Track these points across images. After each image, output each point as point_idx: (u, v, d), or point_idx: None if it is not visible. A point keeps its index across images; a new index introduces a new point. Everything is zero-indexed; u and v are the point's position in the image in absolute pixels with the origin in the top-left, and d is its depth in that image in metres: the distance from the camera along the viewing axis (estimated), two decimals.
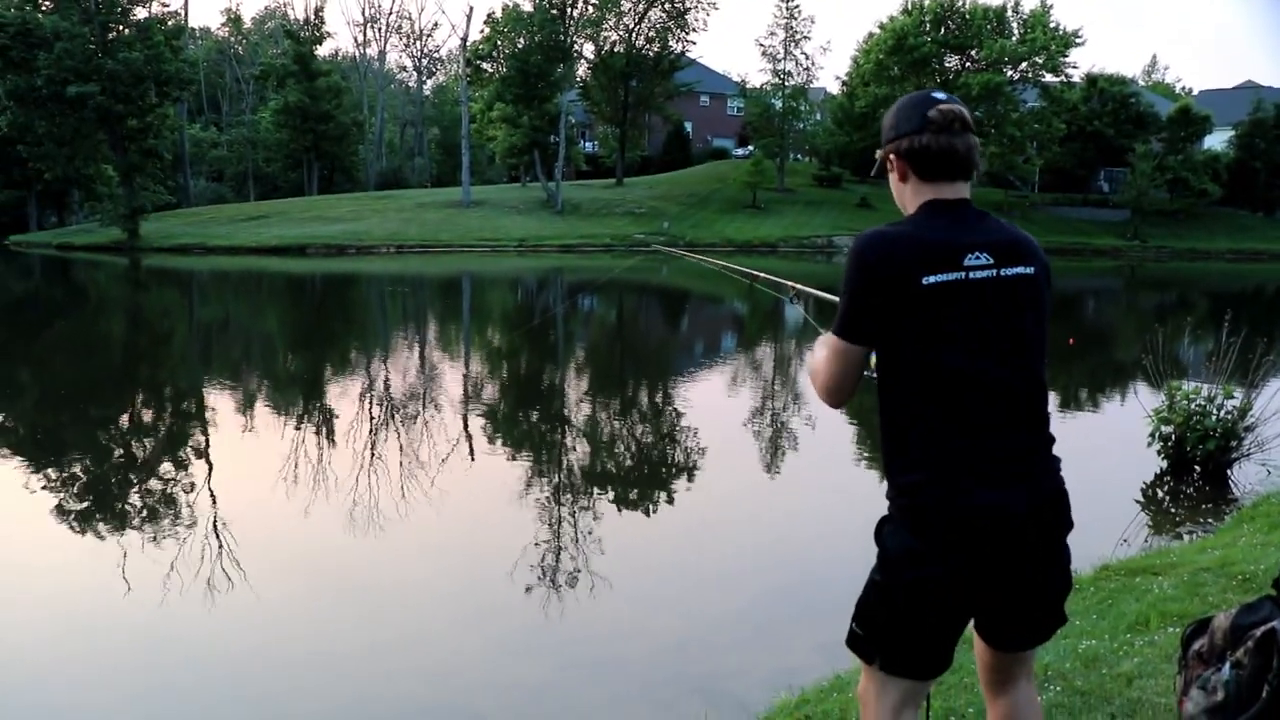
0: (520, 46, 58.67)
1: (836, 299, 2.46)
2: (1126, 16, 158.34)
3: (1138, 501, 9.41)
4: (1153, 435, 10.15)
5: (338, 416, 13.41)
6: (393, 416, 13.57)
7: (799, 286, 4.02)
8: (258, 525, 8.56)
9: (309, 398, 15.09)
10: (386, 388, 15.94)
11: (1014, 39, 59.26)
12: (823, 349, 2.49)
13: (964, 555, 2.25)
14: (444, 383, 16.58)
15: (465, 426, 12.95)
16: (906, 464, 2.33)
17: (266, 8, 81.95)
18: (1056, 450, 2.41)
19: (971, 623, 2.44)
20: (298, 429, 12.70)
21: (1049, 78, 60.72)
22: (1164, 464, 10.14)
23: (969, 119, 2.41)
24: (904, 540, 2.30)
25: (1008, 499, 2.26)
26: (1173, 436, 10.01)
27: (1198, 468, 9.93)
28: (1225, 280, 43.76)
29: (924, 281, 2.26)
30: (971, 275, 2.29)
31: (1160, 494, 9.70)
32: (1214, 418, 9.80)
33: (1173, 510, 9.26)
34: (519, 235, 50.75)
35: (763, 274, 5.11)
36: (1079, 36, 59.40)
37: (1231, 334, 10.17)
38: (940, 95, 2.43)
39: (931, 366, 2.29)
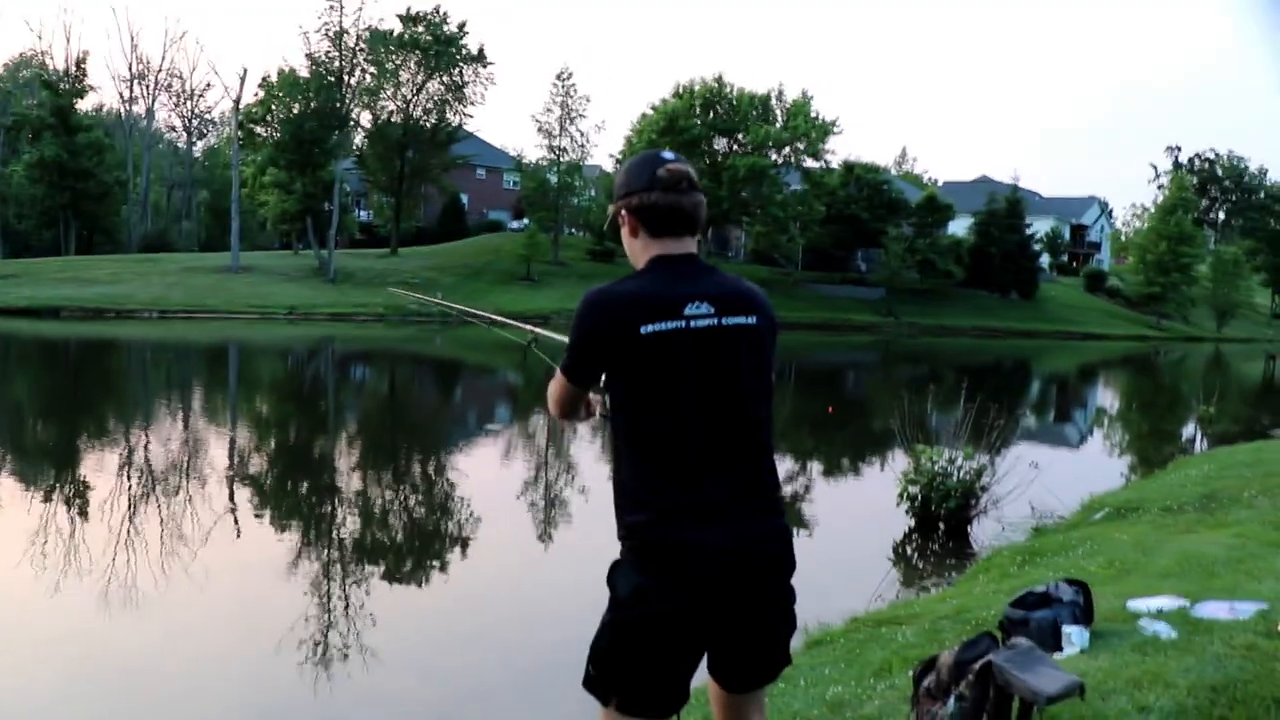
0: (295, 112, 57.51)
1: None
2: (879, 110, 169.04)
3: (889, 558, 9.90)
4: (901, 495, 10.74)
5: (92, 489, 12.61)
6: (153, 488, 12.88)
7: (538, 331, 4.19)
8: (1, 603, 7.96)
9: (61, 469, 14.16)
10: (146, 458, 15.13)
11: (778, 125, 62.25)
12: (554, 382, 2.64)
13: (684, 592, 2.32)
14: (208, 453, 15.89)
15: (230, 498, 12.45)
16: (630, 504, 2.42)
17: (21, 54, 77.42)
18: (806, 497, 2.54)
19: (704, 663, 2.50)
20: (46, 502, 11.89)
21: (810, 163, 63.97)
22: (912, 522, 10.72)
23: (695, 178, 2.52)
24: (630, 579, 2.38)
25: (717, 538, 2.33)
26: (919, 497, 10.61)
27: (941, 525, 10.55)
28: (969, 355, 46.71)
29: (643, 330, 2.36)
30: (692, 324, 2.38)
31: (909, 550, 10.24)
32: (955, 478, 10.46)
33: (919, 565, 9.79)
34: (290, 303, 49.37)
35: (504, 319, 5.36)
36: (836, 126, 62.98)
37: (970, 402, 10.92)
38: (669, 155, 2.55)
39: (649, 411, 2.39)
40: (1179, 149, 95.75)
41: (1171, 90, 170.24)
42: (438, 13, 63.29)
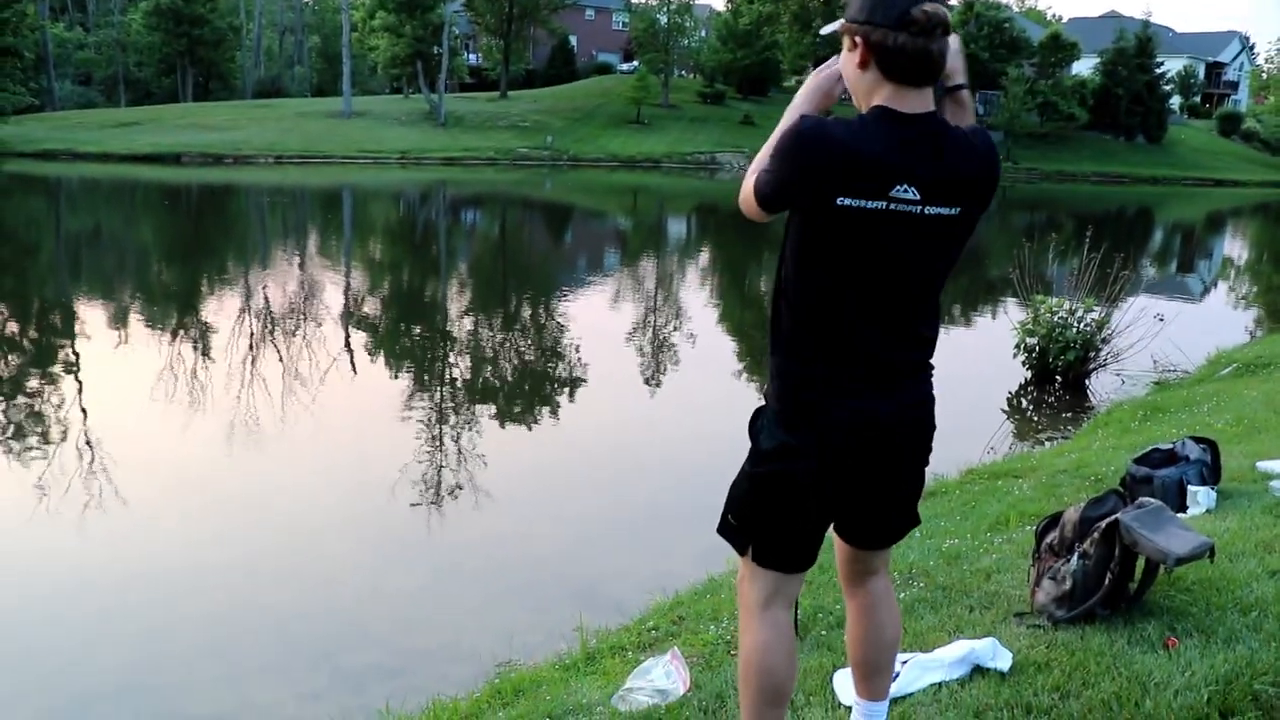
0: None
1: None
2: None
3: (1003, 410, 9.73)
4: (1018, 347, 10.49)
5: (215, 331, 13.01)
6: (272, 331, 13.24)
7: None
8: (131, 441, 8.30)
9: (185, 312, 14.63)
10: (265, 303, 15.52)
11: None
12: (746, 190, 2.34)
13: (825, 454, 2.27)
14: (324, 298, 16.22)
15: (346, 342, 12.73)
16: (784, 357, 2.33)
17: None
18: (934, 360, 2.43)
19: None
20: (173, 344, 12.31)
21: None
22: (1028, 374, 10.49)
23: (950, 22, 2.21)
24: (774, 434, 2.32)
25: (865, 404, 2.28)
26: (1036, 348, 10.35)
27: (1059, 378, 10.30)
28: (1089, 202, 45.09)
29: (838, 202, 2.15)
30: (892, 207, 2.17)
31: (1024, 403, 10.05)
32: (1074, 330, 10.15)
33: (1035, 418, 9.59)
34: (401, 147, 49.55)
35: None
36: None
37: (1092, 252, 10.51)
38: None
39: (821, 272, 2.24)
40: None
41: None
42: None
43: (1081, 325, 10.18)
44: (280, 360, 11.44)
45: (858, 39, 2.21)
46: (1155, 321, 10.16)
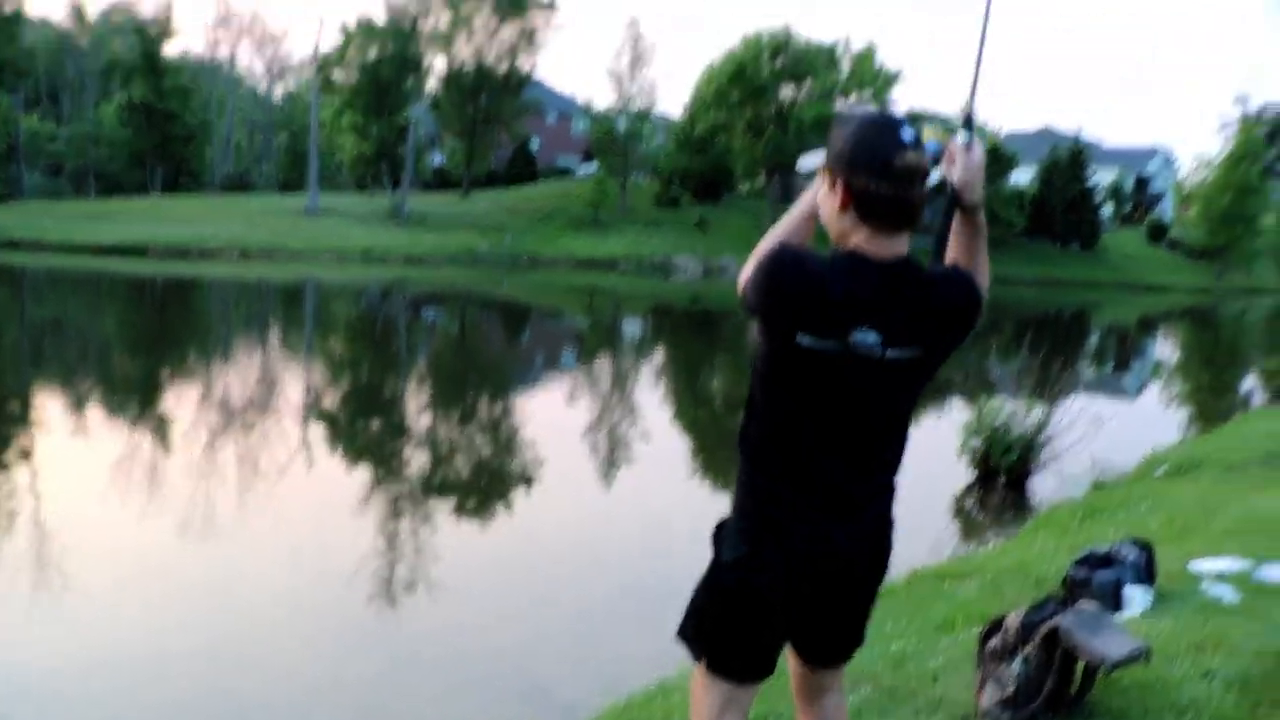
0: (371, 58, 57.66)
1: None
2: (944, 61, 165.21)
3: (949, 510, 9.79)
4: (962, 447, 10.60)
5: (175, 422, 12.88)
6: (232, 423, 13.11)
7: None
8: (92, 529, 8.13)
9: (145, 403, 14.45)
10: (226, 395, 15.40)
11: (843, 75, 61.23)
12: (747, 266, 2.32)
13: (785, 573, 2.28)
14: (285, 391, 16.13)
15: (306, 435, 12.63)
16: (752, 471, 2.33)
17: (112, 4, 78.22)
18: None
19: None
20: (133, 434, 12.15)
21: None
22: (972, 474, 10.59)
23: (929, 167, 2.24)
24: (737, 546, 2.32)
25: (836, 535, 2.28)
26: (980, 449, 10.47)
27: (1002, 478, 10.40)
28: (1029, 305, 45.93)
29: (799, 339, 2.16)
30: (852, 350, 2.17)
31: (969, 503, 10.13)
32: (1016, 431, 10.29)
33: (979, 518, 9.67)
34: (365, 244, 49.69)
35: None
36: (901, 77, 61.91)
37: (1032, 354, 10.71)
38: (908, 135, 2.21)
39: (789, 404, 2.25)
40: (1247, 98, 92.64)
41: (1240, 40, 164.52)
42: None
43: (1022, 427, 10.33)
44: (240, 452, 11.31)
45: (837, 182, 2.23)
46: (1093, 423, 10.34)
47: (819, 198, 2.34)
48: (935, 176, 2.30)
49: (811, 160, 2.36)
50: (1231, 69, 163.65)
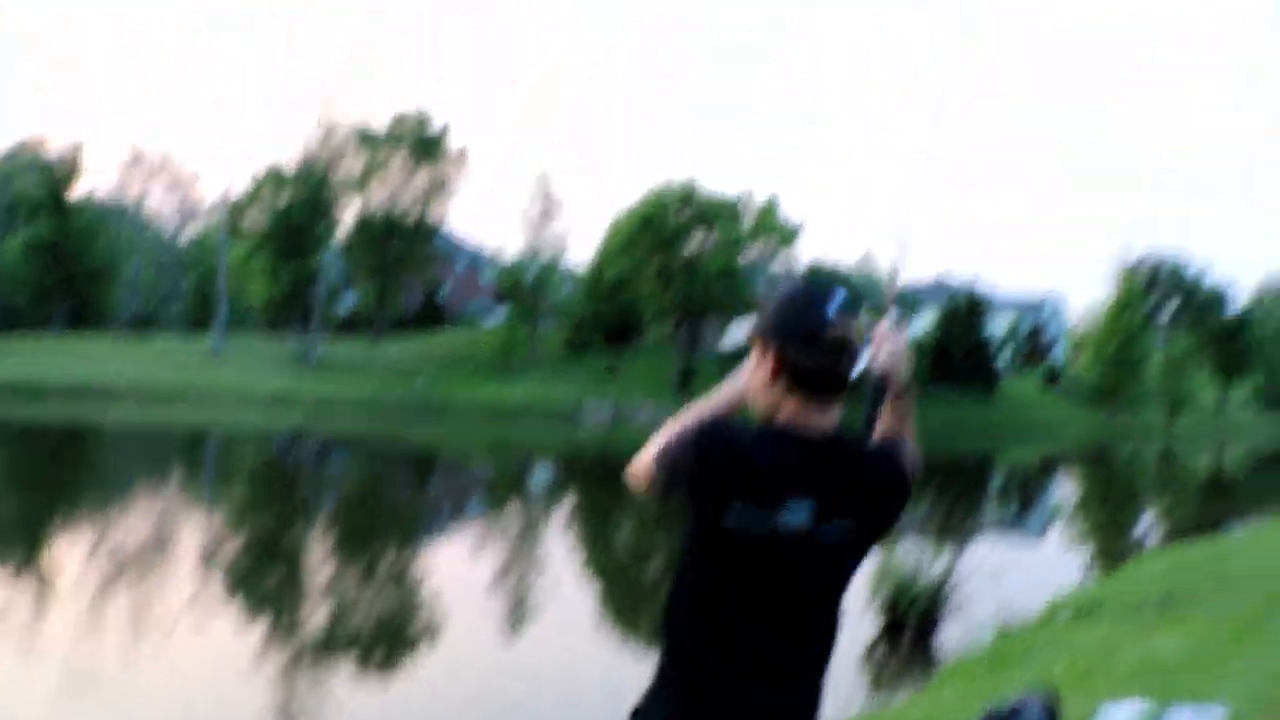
0: (284, 203, 57.97)
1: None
2: (845, 213, 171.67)
3: (859, 662, 9.79)
4: (871, 597, 10.67)
5: (61, 575, 12.36)
6: (122, 576, 12.62)
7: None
8: None
9: (30, 554, 13.86)
10: (118, 545, 14.83)
11: (747, 227, 63.16)
12: (647, 452, 2.29)
13: None
14: (180, 541, 15.63)
15: (201, 588, 12.22)
16: (680, 640, 2.24)
17: (20, 142, 77.54)
18: None
19: None
20: (13, 587, 11.62)
21: (778, 263, 64.74)
22: (880, 624, 10.63)
23: (861, 336, 2.23)
24: (663, 712, 2.23)
25: (762, 704, 2.18)
26: (887, 599, 10.54)
27: (910, 628, 10.45)
28: (932, 452, 46.26)
29: (725, 522, 2.11)
30: (783, 526, 2.11)
31: (877, 653, 10.14)
32: (922, 580, 10.40)
33: (888, 668, 9.68)
34: (272, 389, 49.04)
35: None
36: (803, 229, 64.04)
37: (935, 501, 10.93)
38: (835, 304, 2.19)
39: (717, 572, 2.17)
40: (1129, 249, 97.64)
41: (1122, 191, 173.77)
42: (423, 114, 64.29)
43: (928, 577, 10.45)
44: (131, 606, 10.88)
45: (767, 352, 2.21)
46: (997, 569, 10.52)
47: (748, 368, 2.30)
48: (863, 360, 2.27)
49: (740, 330, 2.32)
50: (1116, 219, 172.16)
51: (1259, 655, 7.30)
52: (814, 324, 2.17)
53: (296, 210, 57.48)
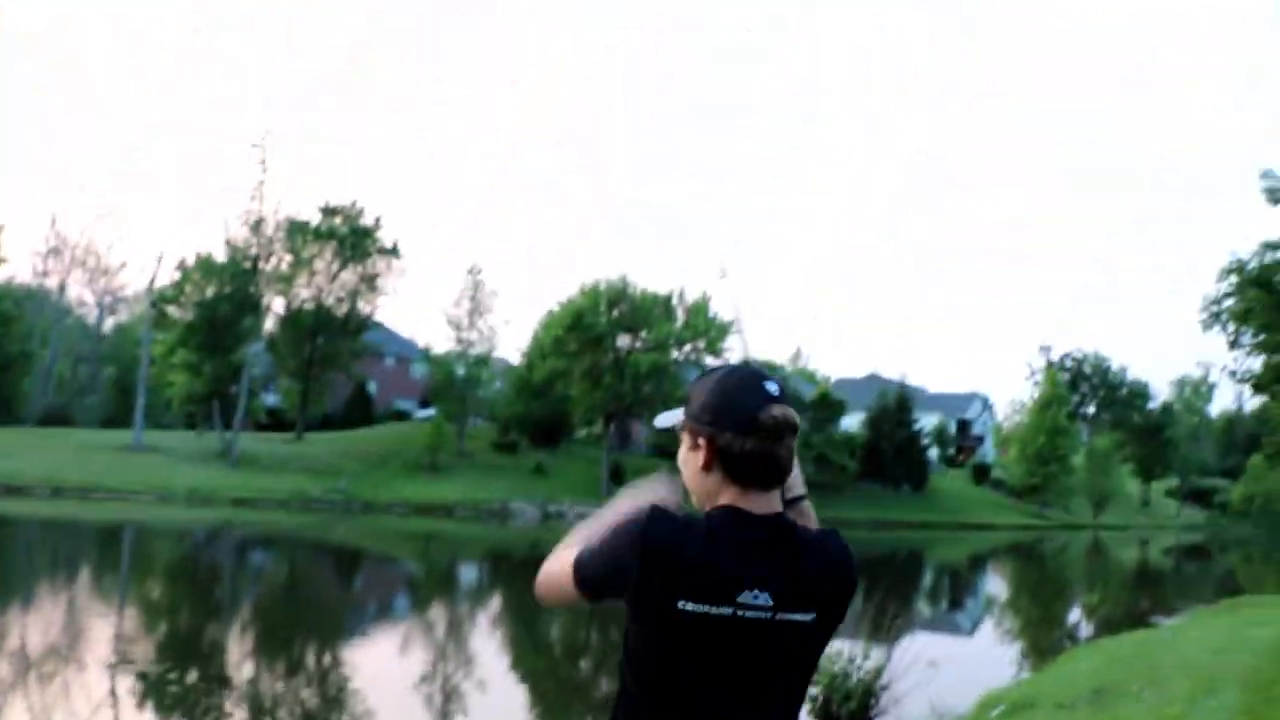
0: (209, 295, 57.25)
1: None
2: (775, 311, 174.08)
3: None
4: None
5: None
6: (30, 677, 12.05)
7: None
8: None
9: None
10: (24, 645, 14.22)
11: (679, 324, 63.63)
12: (556, 565, 2.19)
13: None
14: (91, 640, 14.99)
15: (113, 689, 11.69)
16: None
17: None
18: None
19: None
20: None
21: (710, 360, 65.12)
22: None
23: (796, 421, 2.11)
24: None
25: None
26: (819, 698, 10.39)
27: None
28: (863, 547, 46.84)
29: (679, 605, 1.99)
30: (740, 614, 2.00)
31: None
32: (855, 678, 10.28)
33: None
34: (191, 485, 47.81)
35: None
36: (734, 326, 64.52)
37: (866, 598, 10.86)
38: (772, 387, 2.10)
39: (664, 666, 2.04)
40: (1050, 349, 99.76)
41: (1045, 295, 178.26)
42: (354, 206, 64.27)
43: (861, 673, 10.33)
44: (36, 708, 10.36)
45: (700, 440, 2.11)
46: (930, 665, 10.43)
47: (681, 458, 2.19)
48: None
49: (670, 418, 2.25)
50: (1037, 320, 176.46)
51: None
52: (750, 407, 2.06)
53: (223, 303, 56.81)
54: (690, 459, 2.15)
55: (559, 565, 2.17)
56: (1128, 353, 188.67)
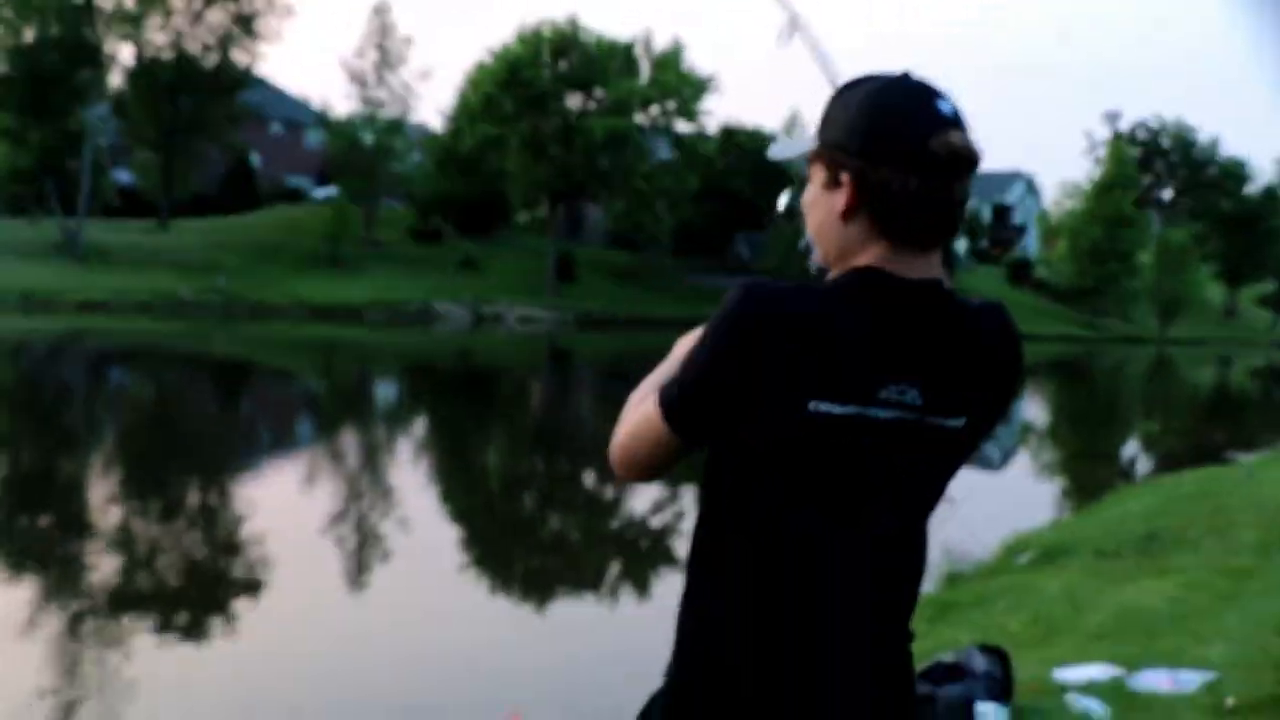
0: (30, 41, 55.66)
1: None
2: (764, 65, 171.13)
3: None
4: None
5: None
6: None
7: None
8: None
9: None
10: None
11: (643, 80, 62.69)
12: (639, 407, 2.02)
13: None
14: None
15: None
16: (697, 601, 2.02)
17: None
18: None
19: None
20: None
21: (682, 126, 64.56)
22: None
23: (978, 153, 1.89)
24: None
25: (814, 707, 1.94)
26: None
27: None
28: None
29: (810, 407, 1.82)
30: (882, 414, 1.85)
31: None
32: None
33: None
34: (25, 285, 47.65)
35: None
36: (714, 84, 63.81)
37: None
38: (945, 106, 1.89)
39: (774, 513, 1.91)
40: (1119, 115, 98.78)
41: (1111, 46, 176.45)
42: None
43: None
44: None
45: (842, 176, 1.89)
46: (945, 503, 10.83)
47: (807, 201, 2.00)
48: None
49: (791, 146, 2.05)
50: (1102, 79, 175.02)
51: (1253, 609, 7.67)
52: (917, 130, 1.85)
53: (48, 51, 55.26)
54: (823, 202, 1.95)
55: (636, 414, 2.01)
56: (1219, 122, 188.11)
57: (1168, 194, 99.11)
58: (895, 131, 1.85)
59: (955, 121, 1.87)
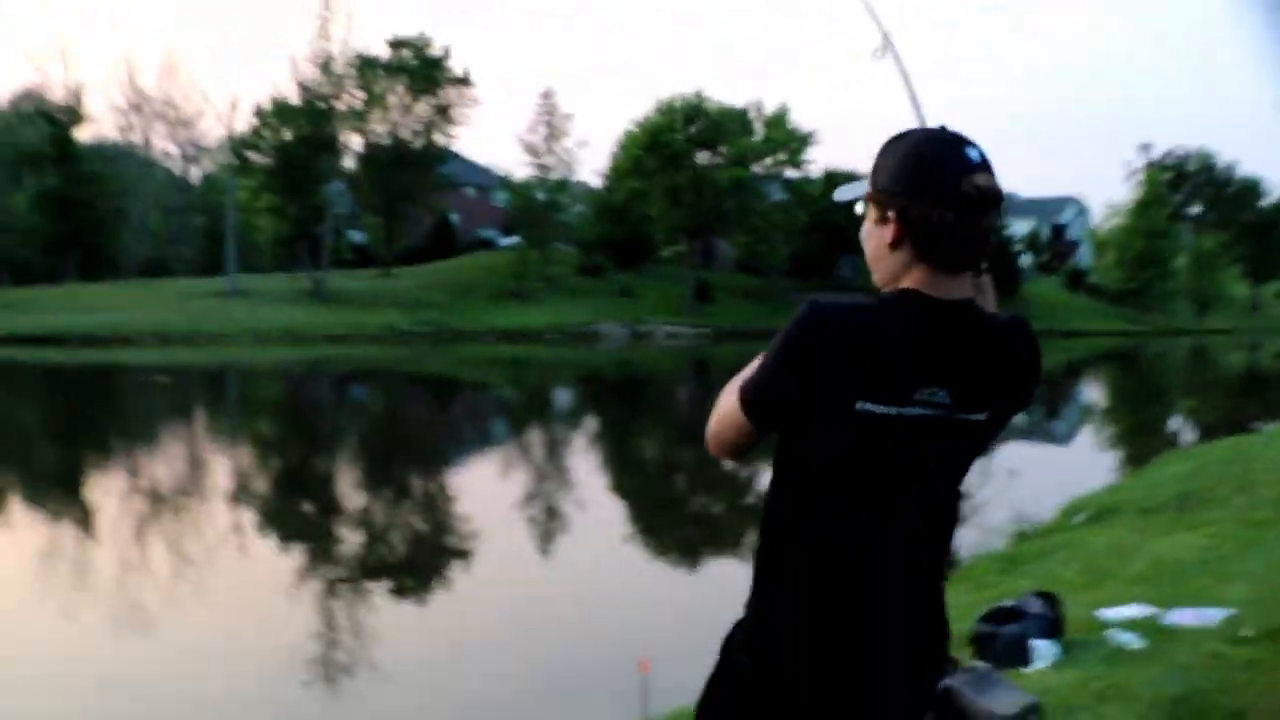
0: (287, 138, 57.74)
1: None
2: (860, 117, 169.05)
3: None
4: None
5: (99, 514, 12.74)
6: (159, 514, 12.98)
7: None
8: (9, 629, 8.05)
9: (68, 496, 14.20)
10: (152, 481, 15.22)
11: (757, 137, 62.52)
12: (727, 397, 2.01)
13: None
14: (212, 475, 15.99)
15: (237, 519, 12.56)
16: (758, 603, 2.00)
17: (24, 88, 77.18)
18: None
19: None
20: (55, 528, 11.98)
21: (791, 173, 64.18)
22: None
23: (1001, 193, 1.90)
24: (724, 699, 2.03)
25: (854, 682, 1.90)
26: None
27: None
28: None
29: (858, 407, 1.82)
30: (916, 413, 1.85)
31: None
32: None
33: None
34: (286, 325, 49.31)
35: None
36: (815, 137, 63.37)
37: None
38: (974, 153, 1.89)
39: (816, 513, 1.92)
40: (1150, 146, 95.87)
41: (1143, 89, 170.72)
42: (422, 37, 63.60)
43: None
44: (167, 543, 11.22)
45: (890, 213, 1.91)
46: (1009, 476, 10.68)
47: (864, 233, 2.01)
48: None
49: (852, 190, 2.06)
50: (1135, 118, 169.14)
51: (1271, 556, 7.45)
52: (949, 174, 1.86)
53: (299, 145, 57.24)
54: (875, 234, 1.97)
55: (724, 405, 2.02)
56: (1236, 146, 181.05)
57: (1196, 209, 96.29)
58: (932, 175, 1.86)
59: (983, 166, 1.88)
